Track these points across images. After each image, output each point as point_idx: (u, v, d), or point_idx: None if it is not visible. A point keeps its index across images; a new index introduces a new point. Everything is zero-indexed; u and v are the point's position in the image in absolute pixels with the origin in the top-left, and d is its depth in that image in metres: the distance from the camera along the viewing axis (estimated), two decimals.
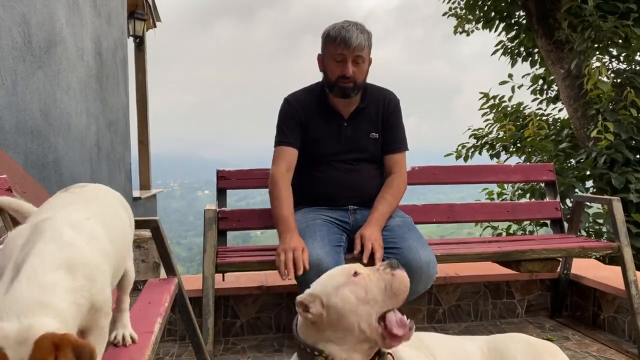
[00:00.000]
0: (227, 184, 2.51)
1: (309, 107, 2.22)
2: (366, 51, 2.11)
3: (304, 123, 2.21)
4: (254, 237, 31.09)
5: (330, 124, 2.21)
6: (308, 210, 2.19)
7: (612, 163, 4.48)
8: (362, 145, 2.21)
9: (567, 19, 5.02)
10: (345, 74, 2.08)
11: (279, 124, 2.24)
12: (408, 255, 1.91)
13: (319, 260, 1.86)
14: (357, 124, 2.22)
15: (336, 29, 2.09)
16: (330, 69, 2.13)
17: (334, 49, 2.09)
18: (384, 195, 2.16)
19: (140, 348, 1.20)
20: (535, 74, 6.40)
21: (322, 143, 2.20)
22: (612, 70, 4.95)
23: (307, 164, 2.22)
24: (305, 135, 2.21)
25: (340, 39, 2.06)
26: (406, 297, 1.96)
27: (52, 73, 3.20)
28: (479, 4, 6.92)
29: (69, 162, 3.48)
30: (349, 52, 2.06)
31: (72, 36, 3.64)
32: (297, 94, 2.28)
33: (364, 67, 2.13)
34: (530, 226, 4.83)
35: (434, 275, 1.94)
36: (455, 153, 6.08)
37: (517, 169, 2.84)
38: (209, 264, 2.07)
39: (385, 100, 2.26)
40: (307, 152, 2.21)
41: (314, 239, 1.96)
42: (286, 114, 2.23)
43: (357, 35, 2.06)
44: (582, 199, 2.79)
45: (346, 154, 2.20)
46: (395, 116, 2.26)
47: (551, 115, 6.31)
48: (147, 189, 7.63)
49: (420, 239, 2.04)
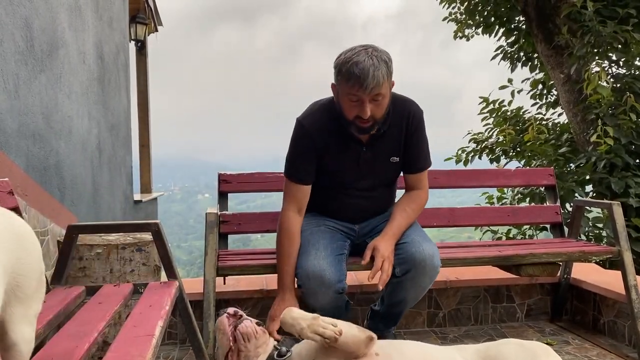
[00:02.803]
0: (228, 188, 2.51)
1: (325, 132, 2.00)
2: (386, 85, 1.84)
3: (321, 150, 2.01)
4: (254, 240, 31.09)
5: (348, 151, 2.02)
6: (315, 215, 2.17)
7: (612, 167, 4.49)
8: (380, 171, 2.07)
9: (567, 24, 5.04)
10: (363, 116, 1.85)
11: (292, 153, 2.04)
12: (411, 249, 1.92)
13: (321, 271, 1.87)
14: (378, 148, 2.03)
15: (349, 65, 1.80)
16: (346, 108, 1.89)
17: (348, 89, 1.83)
18: (405, 208, 2.07)
19: (141, 351, 1.20)
20: (535, 79, 6.42)
21: (339, 172, 2.05)
22: (612, 75, 4.96)
23: (321, 188, 2.11)
24: (320, 161, 2.03)
25: (354, 80, 1.79)
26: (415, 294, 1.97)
27: (54, 77, 3.21)
28: (478, 9, 6.95)
29: (70, 165, 3.49)
30: (366, 94, 1.81)
31: (74, 40, 3.65)
32: (311, 115, 2.05)
33: (384, 103, 1.88)
34: (530, 230, 4.83)
35: (438, 267, 1.94)
36: (455, 157, 6.09)
37: (517, 173, 2.85)
38: (210, 267, 2.08)
39: (410, 116, 2.03)
40: (323, 177, 2.08)
41: (316, 248, 1.95)
42: (300, 143, 2.02)
43: (373, 73, 1.77)
44: (582, 203, 2.80)
45: (363, 180, 2.07)
46: (419, 133, 2.06)
47: (551, 120, 6.32)
48: (148, 192, 7.64)
49: (423, 234, 2.05)
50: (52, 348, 1.23)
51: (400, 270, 1.93)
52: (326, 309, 1.89)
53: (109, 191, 4.81)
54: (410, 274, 1.92)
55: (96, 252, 2.26)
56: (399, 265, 1.93)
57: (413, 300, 2.05)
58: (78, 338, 1.28)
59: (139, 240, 2.34)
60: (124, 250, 2.29)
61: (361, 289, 2.67)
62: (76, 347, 1.22)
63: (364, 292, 2.69)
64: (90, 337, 1.30)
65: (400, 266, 1.93)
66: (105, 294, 1.72)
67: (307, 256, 1.93)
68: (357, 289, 2.65)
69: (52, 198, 3.05)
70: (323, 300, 1.90)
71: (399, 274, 1.93)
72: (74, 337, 1.28)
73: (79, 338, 1.28)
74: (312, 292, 1.89)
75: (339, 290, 1.89)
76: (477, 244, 2.70)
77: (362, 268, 2.03)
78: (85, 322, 1.42)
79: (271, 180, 2.52)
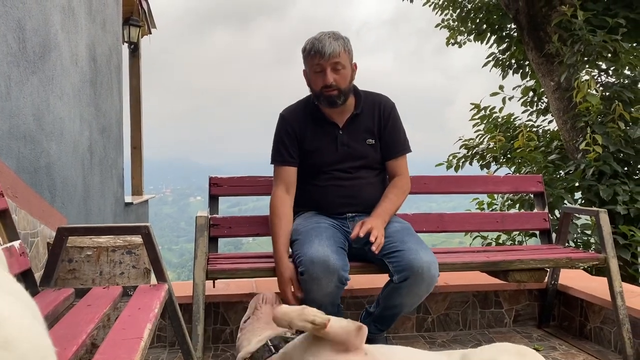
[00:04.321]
0: (219, 191, 2.52)
1: (303, 119, 2.25)
2: (344, 57, 2.12)
3: (300, 136, 2.23)
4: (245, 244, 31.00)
5: (326, 134, 2.23)
6: (309, 214, 2.23)
7: (600, 175, 4.53)
8: (359, 152, 2.23)
9: (558, 32, 5.10)
10: (326, 82, 2.10)
11: (275, 142, 2.26)
12: (409, 256, 1.93)
13: (326, 256, 1.89)
14: (353, 131, 2.24)
15: (310, 42, 2.13)
16: (313, 81, 2.16)
17: (311, 61, 2.13)
18: (387, 194, 2.22)
19: (130, 354, 1.21)
20: (526, 86, 6.47)
21: (320, 154, 2.23)
22: (601, 84, 5.02)
23: (306, 174, 2.25)
24: (302, 147, 2.23)
25: (314, 50, 2.10)
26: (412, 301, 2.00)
27: (46, 78, 3.20)
28: (471, 16, 7.01)
29: (61, 167, 3.48)
30: (325, 61, 2.09)
31: (66, 42, 3.65)
32: (292, 107, 2.31)
33: (346, 73, 2.14)
34: (519, 236, 4.87)
35: (436, 277, 1.96)
36: (446, 163, 6.12)
37: (506, 180, 2.88)
38: (200, 270, 2.09)
39: (380, 106, 2.28)
40: (305, 163, 2.24)
41: (320, 238, 1.99)
42: (282, 130, 2.25)
43: (330, 43, 2.09)
44: (570, 210, 2.83)
45: (344, 162, 2.22)
46: (392, 121, 2.28)
47: (541, 127, 6.37)
48: (139, 194, 7.61)
49: (420, 242, 2.07)
50: None
51: (398, 278, 1.93)
52: (325, 302, 1.91)
53: (100, 193, 4.80)
54: (408, 281, 1.92)
55: (86, 255, 2.26)
56: (396, 272, 1.94)
57: (409, 306, 2.06)
58: (66, 340, 1.28)
59: (129, 243, 2.34)
60: (114, 252, 2.30)
61: (351, 293, 2.68)
62: (64, 350, 1.22)
63: (353, 296, 2.70)
64: (78, 339, 1.30)
65: (398, 274, 1.94)
66: (94, 297, 1.73)
67: (310, 244, 1.95)
68: (348, 293, 2.66)
69: (43, 200, 3.04)
70: (326, 287, 1.90)
71: (397, 281, 1.94)
72: (62, 340, 1.28)
73: (67, 340, 1.28)
74: (316, 278, 1.88)
75: (342, 279, 1.91)
76: (466, 249, 2.72)
77: (352, 272, 2.03)
78: (74, 324, 1.42)
79: (262, 184, 2.53)
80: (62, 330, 1.37)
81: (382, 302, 2.10)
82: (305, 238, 2.02)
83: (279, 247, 2.09)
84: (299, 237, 2.06)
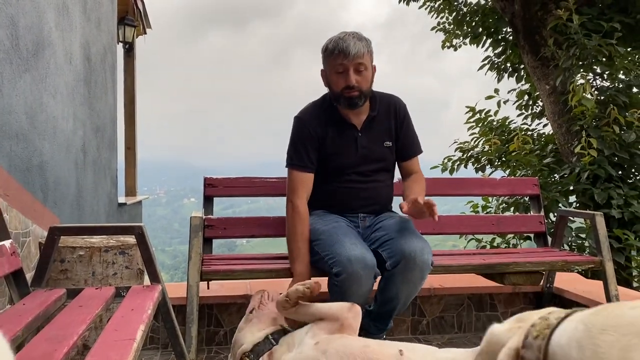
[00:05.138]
0: (214, 192, 2.50)
1: (322, 121, 2.19)
2: (367, 58, 2.09)
3: (320, 138, 2.18)
4: (239, 245, 30.93)
5: (345, 136, 2.19)
6: (321, 213, 2.21)
7: (595, 179, 4.54)
8: (377, 155, 2.22)
9: (553, 36, 5.11)
10: (349, 83, 2.06)
11: (294, 144, 2.19)
12: (400, 241, 1.94)
13: (363, 254, 1.89)
14: (371, 133, 2.21)
15: (333, 41, 2.08)
16: (334, 81, 2.11)
17: (333, 61, 2.08)
18: (412, 184, 2.22)
19: (122, 356, 1.19)
20: (521, 90, 6.49)
21: (339, 156, 2.19)
22: (596, 88, 5.03)
23: (324, 176, 2.21)
24: (321, 149, 2.19)
25: (338, 50, 2.05)
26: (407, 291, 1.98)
27: (40, 76, 3.17)
28: (466, 19, 7.03)
29: (54, 167, 3.45)
30: (349, 61, 2.05)
31: (60, 40, 3.62)
32: (308, 109, 2.24)
33: (368, 75, 2.11)
34: (514, 239, 4.87)
35: (428, 262, 1.94)
36: (441, 166, 6.12)
37: (502, 183, 2.88)
38: (194, 271, 2.06)
39: (396, 107, 2.25)
40: (324, 165, 2.20)
41: (348, 237, 1.98)
42: (301, 133, 2.18)
43: (354, 43, 2.04)
44: (566, 214, 2.83)
45: (363, 165, 2.20)
46: (407, 121, 2.27)
47: (536, 131, 6.39)
48: (132, 195, 7.57)
49: (413, 229, 2.06)
50: (30, 351, 1.21)
51: (391, 264, 1.93)
52: (362, 301, 1.88)
53: (93, 193, 4.76)
54: (400, 266, 1.92)
55: (78, 255, 2.23)
56: (389, 258, 1.95)
57: (405, 298, 2.02)
58: (57, 341, 1.26)
59: (122, 243, 2.31)
60: (107, 253, 2.27)
61: None
62: (55, 351, 1.20)
63: None
64: (69, 340, 1.28)
65: (390, 259, 1.94)
66: (86, 297, 1.70)
67: (341, 244, 1.93)
68: None
69: (35, 199, 3.01)
70: (366, 284, 1.89)
71: (390, 267, 1.94)
72: (53, 341, 1.26)
73: (58, 341, 1.26)
74: (356, 276, 1.86)
75: (376, 274, 1.93)
76: (461, 252, 2.71)
77: None
78: (65, 325, 1.40)
79: (257, 185, 2.51)
80: (53, 331, 1.35)
81: (379, 298, 2.09)
82: (330, 238, 1.99)
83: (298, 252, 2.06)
84: (322, 237, 2.04)
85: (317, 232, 2.07)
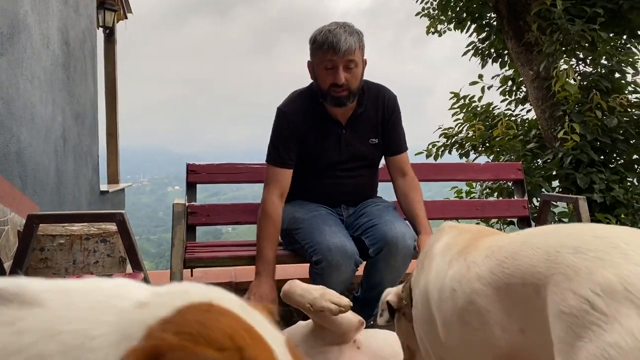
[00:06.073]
0: (197, 178, 2.47)
1: (305, 117, 2.08)
2: (358, 54, 1.96)
3: (302, 135, 2.08)
4: (225, 233, 30.89)
5: (329, 133, 2.10)
6: (305, 202, 2.16)
7: (578, 163, 4.58)
8: (362, 153, 2.15)
9: (537, 21, 5.11)
10: (337, 81, 1.94)
11: (274, 139, 2.10)
12: (383, 227, 1.93)
13: (342, 242, 1.87)
14: (356, 129, 2.12)
15: (323, 34, 1.94)
16: (321, 77, 1.99)
17: (322, 56, 1.95)
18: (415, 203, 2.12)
19: None
20: (505, 75, 6.50)
21: (322, 154, 2.11)
22: (579, 73, 5.06)
23: (306, 171, 2.14)
24: (303, 145, 2.09)
25: (327, 44, 1.91)
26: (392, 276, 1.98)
27: (15, 61, 3.09)
28: (451, 4, 6.99)
29: (32, 154, 3.38)
30: (339, 58, 1.91)
31: (37, 24, 3.52)
32: (291, 102, 2.14)
33: (358, 72, 1.98)
34: (498, 224, 4.91)
35: (411, 247, 1.94)
36: (425, 152, 6.13)
37: (486, 168, 2.89)
38: (177, 259, 2.04)
39: (385, 100, 2.15)
40: (307, 162, 2.12)
41: (328, 225, 1.96)
42: (281, 128, 2.09)
43: (345, 38, 1.90)
44: (550, 198, 2.85)
45: (346, 162, 2.14)
46: (396, 117, 2.17)
47: (520, 116, 6.41)
48: (115, 182, 7.47)
49: (396, 215, 2.07)
50: None
51: (374, 250, 1.93)
52: (342, 288, 1.86)
53: (74, 181, 4.68)
54: (383, 252, 1.92)
55: (58, 243, 2.19)
56: (371, 245, 1.94)
57: (390, 283, 2.02)
58: None
59: (103, 231, 2.27)
60: (88, 241, 2.23)
61: None
62: None
63: None
64: None
65: (373, 246, 1.93)
66: None
67: (321, 233, 1.91)
68: None
69: (13, 187, 2.94)
70: (345, 273, 1.88)
71: (373, 254, 1.94)
72: None
73: None
74: (335, 264, 1.85)
75: (357, 262, 1.91)
76: None
77: None
78: None
79: (241, 171, 2.48)
80: None
81: (364, 284, 2.09)
82: (310, 226, 1.97)
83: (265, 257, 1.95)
84: (302, 225, 2.01)
85: (298, 220, 2.05)
